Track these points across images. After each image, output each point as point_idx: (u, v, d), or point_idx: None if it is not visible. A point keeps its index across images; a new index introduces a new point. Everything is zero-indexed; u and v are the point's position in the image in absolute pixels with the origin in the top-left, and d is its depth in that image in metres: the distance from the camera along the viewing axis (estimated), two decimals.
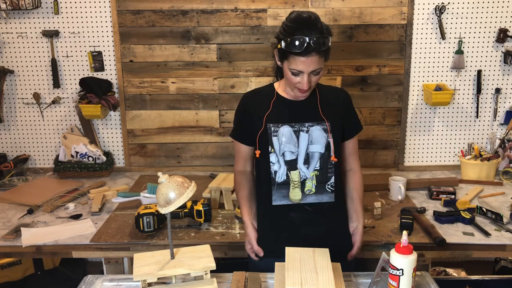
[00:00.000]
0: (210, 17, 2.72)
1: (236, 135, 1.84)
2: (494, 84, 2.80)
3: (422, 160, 2.90)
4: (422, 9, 2.69)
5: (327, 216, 1.75)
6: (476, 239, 2.03)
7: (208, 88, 2.81)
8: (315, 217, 1.74)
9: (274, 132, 1.72)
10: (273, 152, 1.71)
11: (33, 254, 2.07)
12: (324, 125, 1.72)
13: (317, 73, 1.63)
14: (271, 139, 1.71)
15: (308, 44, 1.53)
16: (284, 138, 1.71)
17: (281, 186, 1.72)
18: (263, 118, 1.73)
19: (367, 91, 2.80)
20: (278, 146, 1.71)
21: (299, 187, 1.72)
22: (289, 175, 1.72)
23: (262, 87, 1.85)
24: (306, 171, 1.72)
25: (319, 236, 1.73)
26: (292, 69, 1.61)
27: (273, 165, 1.72)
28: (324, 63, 1.65)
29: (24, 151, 2.93)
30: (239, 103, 1.83)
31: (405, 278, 1.36)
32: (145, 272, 1.40)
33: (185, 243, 2.01)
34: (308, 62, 1.57)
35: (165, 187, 1.40)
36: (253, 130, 1.76)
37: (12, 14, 2.71)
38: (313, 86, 1.68)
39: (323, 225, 1.75)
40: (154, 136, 2.89)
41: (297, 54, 1.56)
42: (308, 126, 1.72)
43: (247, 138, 1.80)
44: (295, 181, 1.72)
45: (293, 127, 1.72)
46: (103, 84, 2.77)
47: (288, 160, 1.72)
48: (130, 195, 2.36)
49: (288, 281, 1.36)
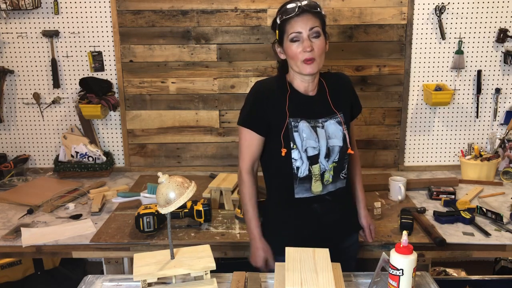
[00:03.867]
0: (210, 17, 2.72)
1: (248, 122, 1.73)
2: (494, 84, 2.80)
3: (422, 160, 2.90)
4: (422, 9, 2.69)
5: (340, 202, 1.81)
6: (476, 239, 2.03)
7: (208, 88, 2.81)
8: (333, 205, 1.78)
9: (295, 128, 1.70)
10: (295, 149, 1.70)
11: (33, 254, 2.07)
12: (337, 117, 1.75)
13: (316, 34, 1.65)
14: (292, 135, 1.70)
15: (300, 7, 1.64)
16: (304, 134, 1.70)
17: (303, 180, 1.73)
18: (284, 112, 1.70)
19: (367, 91, 2.80)
20: (300, 142, 1.70)
21: (320, 180, 1.74)
22: (311, 170, 1.72)
23: (272, 78, 1.86)
24: (326, 164, 1.74)
25: (335, 221, 1.80)
26: (291, 34, 1.65)
27: (295, 161, 1.71)
28: (324, 36, 1.70)
29: (24, 151, 2.93)
30: (253, 90, 1.76)
31: (405, 278, 1.36)
32: (145, 272, 1.40)
33: (185, 243, 2.01)
34: (304, 20, 1.64)
35: (165, 187, 1.40)
36: (270, 120, 1.71)
37: (12, 14, 2.71)
38: (318, 59, 1.67)
39: (338, 211, 1.80)
40: (154, 136, 2.89)
41: (292, 17, 1.64)
42: (322, 122, 1.74)
43: (261, 127, 1.72)
44: (316, 174, 1.73)
45: (309, 122, 1.72)
46: (103, 84, 2.77)
47: (311, 156, 1.72)
48: (130, 195, 2.36)
49: (288, 281, 1.36)
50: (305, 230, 1.77)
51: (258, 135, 1.74)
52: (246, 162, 1.77)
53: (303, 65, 1.67)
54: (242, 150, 1.78)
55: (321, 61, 1.70)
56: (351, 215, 1.91)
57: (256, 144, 1.76)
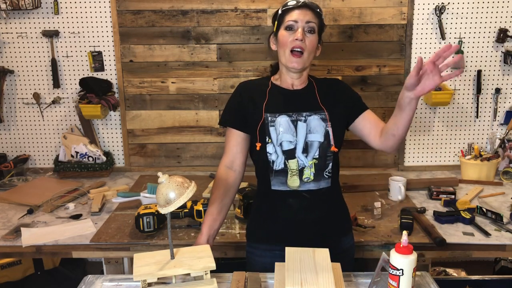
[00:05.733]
0: (210, 17, 2.72)
1: (228, 121, 1.78)
2: (494, 84, 2.80)
3: (422, 160, 2.90)
4: (422, 9, 2.69)
5: (323, 202, 1.76)
6: (476, 239, 2.03)
7: (208, 88, 2.81)
8: (312, 203, 1.74)
9: (271, 122, 1.71)
10: (270, 143, 1.71)
11: (33, 254, 2.07)
12: (322, 114, 1.73)
13: (311, 29, 1.68)
14: (268, 129, 1.71)
15: (304, 1, 1.69)
16: (281, 128, 1.70)
17: (279, 173, 1.72)
18: (261, 108, 1.73)
19: (367, 91, 2.80)
20: (275, 136, 1.71)
21: (297, 175, 1.72)
22: (286, 164, 1.71)
23: (257, 78, 1.92)
24: (304, 159, 1.72)
25: (314, 221, 1.74)
26: (288, 22, 1.68)
27: (270, 155, 1.71)
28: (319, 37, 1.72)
29: (24, 151, 2.93)
30: (234, 91, 1.82)
31: (405, 278, 1.36)
32: (145, 272, 1.40)
33: (185, 243, 2.00)
34: (303, 13, 1.68)
35: (165, 187, 1.40)
36: (248, 118, 1.74)
37: (12, 14, 2.71)
38: (306, 55, 1.68)
39: (318, 211, 1.75)
40: (154, 136, 2.89)
41: (292, 8, 1.69)
42: (306, 116, 1.72)
43: (241, 124, 1.76)
44: (293, 169, 1.72)
45: (290, 116, 1.72)
46: (103, 84, 2.77)
47: (286, 150, 1.71)
48: (130, 195, 2.36)
49: (288, 281, 1.36)
50: (280, 224, 1.75)
51: (238, 130, 1.77)
52: (225, 157, 1.80)
53: (290, 57, 1.68)
54: (224, 146, 1.82)
55: (309, 58, 1.71)
56: (336, 218, 1.80)
57: (235, 140, 1.77)
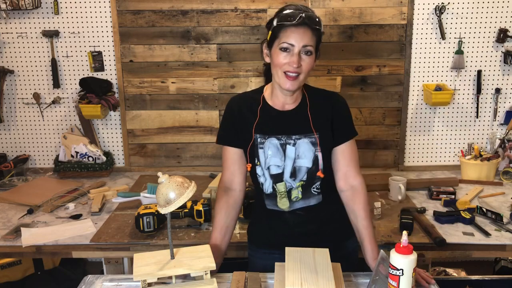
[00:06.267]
0: (210, 17, 2.72)
1: (224, 139, 1.72)
2: (494, 84, 2.80)
3: (422, 160, 2.90)
4: (422, 9, 2.69)
5: (318, 215, 1.73)
6: (476, 239, 2.03)
7: (208, 88, 2.81)
8: (307, 219, 1.72)
9: (261, 144, 1.66)
10: (259, 165, 1.67)
11: (33, 254, 2.07)
12: (312, 137, 1.64)
13: (308, 52, 1.55)
14: (257, 151, 1.66)
15: (301, 16, 1.53)
16: (270, 152, 1.65)
17: (269, 196, 1.71)
18: (251, 128, 1.66)
19: (367, 91, 2.80)
20: (263, 159, 1.66)
21: (286, 197, 1.69)
22: (275, 187, 1.68)
23: (249, 92, 1.79)
24: (292, 182, 1.68)
25: (312, 231, 1.73)
26: (283, 44, 1.54)
27: (260, 177, 1.69)
28: (315, 54, 1.60)
29: (24, 151, 2.93)
30: (226, 106, 1.74)
31: (405, 278, 1.36)
32: (145, 272, 1.40)
33: (185, 243, 2.00)
34: (300, 33, 1.54)
35: (165, 187, 1.40)
36: (240, 136, 1.69)
37: (12, 14, 2.71)
38: (302, 77, 1.58)
39: (315, 224, 1.73)
40: (154, 136, 2.89)
41: (289, 25, 1.54)
42: (295, 139, 1.65)
43: (236, 141, 1.69)
44: (282, 191, 1.68)
45: (279, 139, 1.65)
46: (103, 84, 2.77)
47: (274, 174, 1.67)
48: (130, 195, 2.36)
49: (288, 281, 1.37)
50: (280, 235, 1.74)
51: (234, 148, 1.71)
52: (223, 176, 1.74)
53: (284, 78, 1.57)
54: (222, 164, 1.75)
55: (304, 78, 1.60)
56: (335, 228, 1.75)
57: (232, 158, 1.71)
